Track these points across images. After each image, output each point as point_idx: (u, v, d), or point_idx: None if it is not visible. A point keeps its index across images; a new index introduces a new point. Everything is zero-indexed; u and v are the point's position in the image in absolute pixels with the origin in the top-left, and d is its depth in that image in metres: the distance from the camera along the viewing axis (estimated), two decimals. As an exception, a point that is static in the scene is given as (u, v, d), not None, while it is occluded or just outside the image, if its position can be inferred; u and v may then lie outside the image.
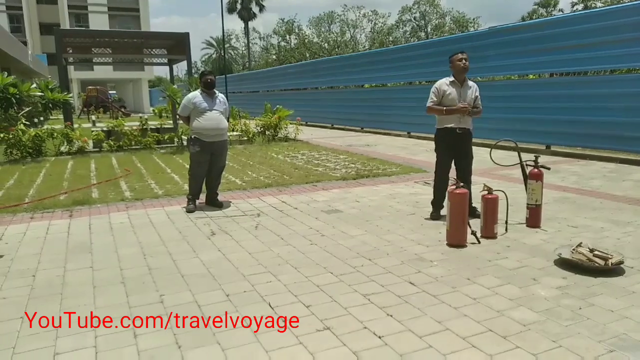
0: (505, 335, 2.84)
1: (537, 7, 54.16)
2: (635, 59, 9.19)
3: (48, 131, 11.84)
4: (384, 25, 54.78)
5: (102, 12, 48.13)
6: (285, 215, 5.75)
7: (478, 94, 5.42)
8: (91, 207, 6.25)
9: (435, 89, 5.30)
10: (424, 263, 4.06)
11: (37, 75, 29.46)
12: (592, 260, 3.78)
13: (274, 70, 30.85)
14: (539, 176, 5.01)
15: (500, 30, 12.29)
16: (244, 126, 14.86)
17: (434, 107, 5.30)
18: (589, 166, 9.02)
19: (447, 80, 5.32)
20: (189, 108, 6.06)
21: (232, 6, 57.11)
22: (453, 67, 5.30)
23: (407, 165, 9.22)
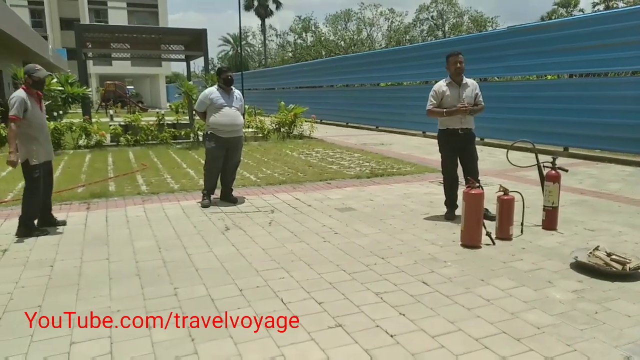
0: (518, 337, 2.82)
1: (557, 7, 53.35)
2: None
3: (67, 125, 12.03)
4: (400, 23, 54.48)
5: (121, 7, 48.65)
6: (298, 212, 5.76)
7: (478, 91, 5.37)
8: (108, 200, 6.34)
9: (434, 92, 5.31)
10: (437, 263, 4.04)
11: (57, 70, 29.89)
12: (609, 264, 3.73)
13: (289, 67, 30.91)
14: (556, 178, 4.94)
15: (518, 30, 12.14)
16: (259, 123, 14.92)
17: (434, 109, 5.29)
18: (608, 169, 8.88)
19: (445, 81, 5.32)
20: (206, 104, 6.10)
21: (249, 3, 57.29)
22: (448, 68, 5.28)
23: (422, 165, 9.17)
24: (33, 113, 4.74)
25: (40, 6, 45.92)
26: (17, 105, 4.62)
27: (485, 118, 8.92)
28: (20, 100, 4.64)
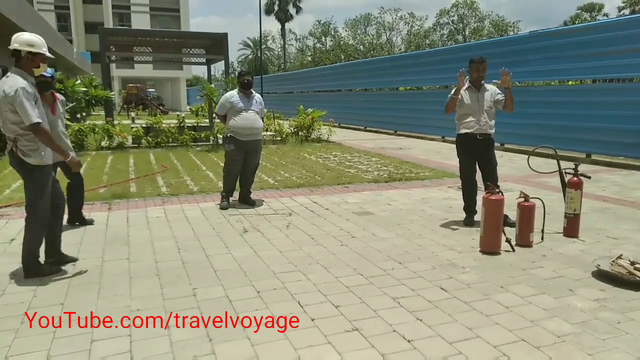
0: (538, 345, 2.78)
1: (581, 12, 52.54)
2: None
3: (90, 126, 12.27)
4: (420, 28, 54.24)
5: (144, 12, 49.49)
6: (316, 215, 5.78)
7: (499, 96, 5.29)
8: (129, 201, 6.44)
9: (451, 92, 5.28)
10: (455, 269, 4.01)
11: (81, 72, 30.53)
12: (632, 273, 3.65)
13: (308, 71, 31.02)
14: (578, 185, 4.86)
15: (541, 35, 11.98)
16: (278, 126, 14.99)
17: (447, 101, 5.27)
18: (631, 176, 8.69)
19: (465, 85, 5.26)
20: (226, 107, 6.17)
21: (270, 7, 57.73)
22: (470, 72, 5.25)
23: (441, 170, 9.11)
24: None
25: (66, 10, 47.01)
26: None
27: (505, 123, 8.87)
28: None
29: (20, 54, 3.66)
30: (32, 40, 3.68)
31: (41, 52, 3.70)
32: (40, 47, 3.70)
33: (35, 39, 3.70)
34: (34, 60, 3.71)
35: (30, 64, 3.70)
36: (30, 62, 3.70)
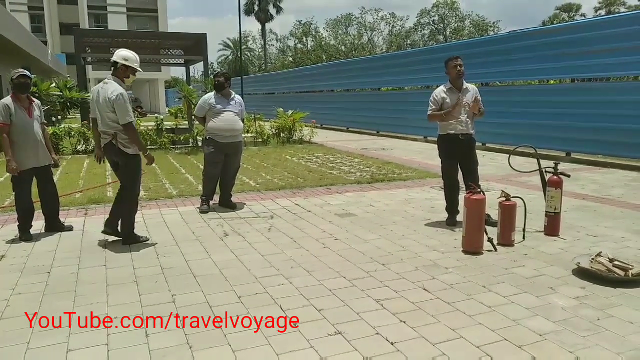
0: (520, 344, 2.78)
1: (559, 12, 53.49)
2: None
3: (65, 130, 12.01)
4: (402, 28, 54.59)
5: (120, 12, 48.74)
6: (298, 217, 5.73)
7: (479, 96, 5.33)
8: (106, 206, 6.28)
9: (433, 98, 5.30)
10: (438, 269, 4.00)
11: (56, 75, 29.90)
12: (611, 270, 3.69)
13: (289, 72, 30.93)
14: (558, 183, 4.91)
15: (520, 35, 12.14)
16: (259, 128, 14.90)
17: (433, 113, 5.27)
18: (610, 174, 8.84)
19: (445, 87, 5.29)
20: (205, 109, 6.08)
21: (250, 8, 57.45)
22: (448, 72, 5.25)
23: (423, 170, 9.14)
24: (16, 117, 4.77)
25: (40, 11, 46.03)
26: (0, 111, 4.68)
27: (486, 123, 8.93)
28: (3, 106, 4.70)
29: (117, 65, 4.61)
30: (127, 56, 4.65)
31: (132, 66, 4.67)
32: (133, 62, 4.67)
33: (130, 55, 4.68)
34: (126, 72, 4.67)
35: (123, 74, 4.66)
36: (123, 72, 4.66)
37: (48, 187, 5.12)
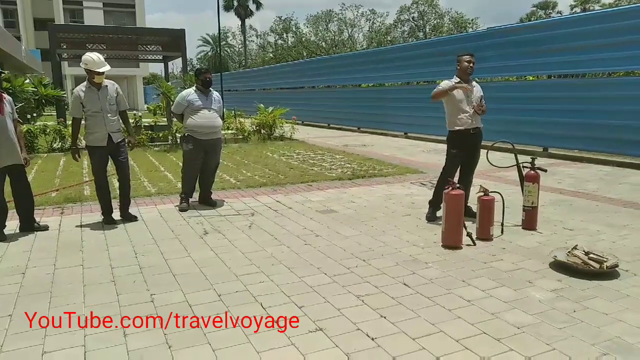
0: (499, 337, 2.81)
1: (536, 9, 54.25)
2: (633, 62, 9.17)
3: (40, 127, 11.75)
4: (382, 24, 54.71)
5: (97, 7, 47.83)
6: (279, 214, 5.71)
7: (482, 94, 5.37)
8: (83, 205, 6.19)
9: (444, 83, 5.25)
10: (418, 264, 4.03)
11: (30, 71, 29.23)
12: (587, 263, 3.76)
13: (270, 68, 30.78)
14: (535, 178, 4.99)
15: (498, 31, 12.28)
16: (239, 124, 14.79)
17: (438, 90, 5.15)
18: (586, 169, 9.03)
19: (453, 80, 5.27)
20: (183, 105, 5.99)
21: (229, 3, 56.83)
22: (460, 67, 5.24)
23: (404, 166, 9.19)
24: None
25: (13, 6, 44.80)
26: None
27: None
28: None
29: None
30: (85, 59, 5.14)
31: (90, 69, 5.14)
32: (92, 64, 5.13)
33: (88, 58, 5.13)
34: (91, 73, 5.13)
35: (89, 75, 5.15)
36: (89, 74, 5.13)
37: (22, 186, 4.99)
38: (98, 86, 5.21)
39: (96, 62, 5.06)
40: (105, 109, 5.23)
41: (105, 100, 5.23)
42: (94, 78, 5.11)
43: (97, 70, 5.06)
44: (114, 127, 5.33)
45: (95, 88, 5.19)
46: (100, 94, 5.22)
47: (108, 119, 5.24)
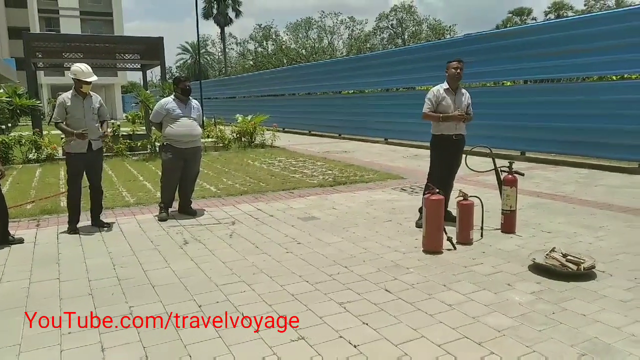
0: (480, 341, 2.83)
1: (512, 16, 55.35)
2: (607, 67, 9.42)
3: (15, 138, 11.50)
4: (361, 32, 55.15)
5: (74, 16, 47.23)
6: (260, 223, 5.67)
7: (470, 101, 5.45)
8: (59, 216, 6.06)
9: (432, 95, 5.31)
10: (400, 270, 4.04)
11: (5, 81, 28.62)
12: (565, 265, 3.82)
13: (250, 76, 30.72)
14: (513, 182, 5.05)
15: (475, 38, 12.48)
16: (220, 132, 14.70)
17: (430, 114, 5.30)
18: (562, 172, 9.20)
19: (442, 87, 5.33)
20: (162, 114, 5.93)
21: (208, 11, 56.58)
22: (448, 73, 5.32)
23: (385, 172, 9.23)
24: None
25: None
26: None
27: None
28: None
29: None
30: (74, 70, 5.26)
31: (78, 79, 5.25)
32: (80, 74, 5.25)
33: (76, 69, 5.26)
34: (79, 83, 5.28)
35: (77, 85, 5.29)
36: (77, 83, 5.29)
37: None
38: (84, 95, 5.36)
39: (85, 72, 5.26)
40: (89, 117, 5.37)
41: (89, 110, 5.40)
42: (81, 87, 5.27)
43: (85, 80, 5.23)
44: (94, 135, 5.41)
45: (81, 97, 5.33)
46: (85, 102, 5.37)
47: (90, 126, 5.34)
